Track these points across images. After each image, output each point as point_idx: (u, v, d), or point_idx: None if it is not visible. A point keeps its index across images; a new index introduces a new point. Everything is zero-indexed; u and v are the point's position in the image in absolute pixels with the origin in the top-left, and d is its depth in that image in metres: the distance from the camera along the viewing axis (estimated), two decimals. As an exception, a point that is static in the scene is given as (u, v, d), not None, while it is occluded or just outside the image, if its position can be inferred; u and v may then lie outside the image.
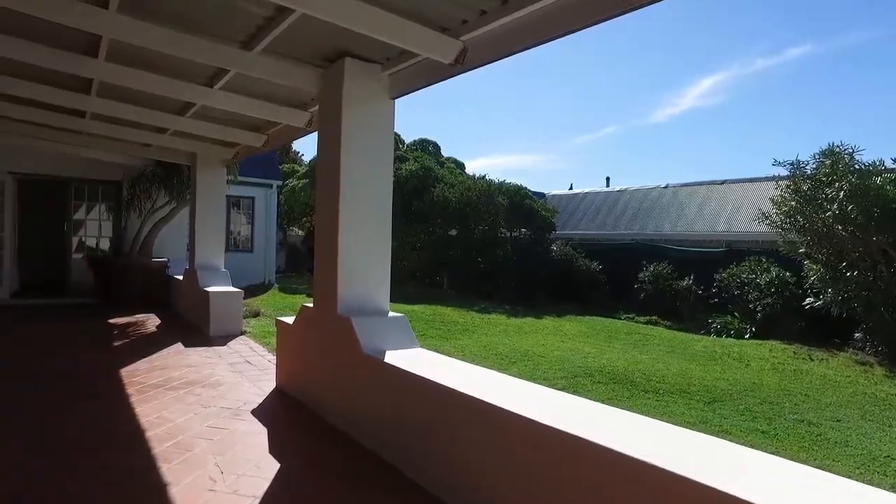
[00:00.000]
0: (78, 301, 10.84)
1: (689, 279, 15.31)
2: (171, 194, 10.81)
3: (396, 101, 4.50)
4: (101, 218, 11.76)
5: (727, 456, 2.11)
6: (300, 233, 26.62)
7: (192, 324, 8.70)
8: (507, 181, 19.10)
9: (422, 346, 4.18)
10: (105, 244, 11.78)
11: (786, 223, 11.24)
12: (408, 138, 27.15)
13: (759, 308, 12.43)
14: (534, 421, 2.45)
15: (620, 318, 14.47)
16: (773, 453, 2.27)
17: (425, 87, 4.23)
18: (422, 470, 3.22)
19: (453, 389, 2.94)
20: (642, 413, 5.33)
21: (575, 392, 6.08)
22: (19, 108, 7.34)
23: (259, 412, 4.58)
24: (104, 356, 6.52)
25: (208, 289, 8.10)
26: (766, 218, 11.70)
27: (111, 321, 8.90)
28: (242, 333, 8.13)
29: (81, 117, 7.52)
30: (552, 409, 2.59)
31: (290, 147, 39.80)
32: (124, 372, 5.72)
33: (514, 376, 6.42)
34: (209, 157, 8.85)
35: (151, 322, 8.94)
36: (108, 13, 3.93)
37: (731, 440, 4.64)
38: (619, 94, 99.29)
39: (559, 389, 6.34)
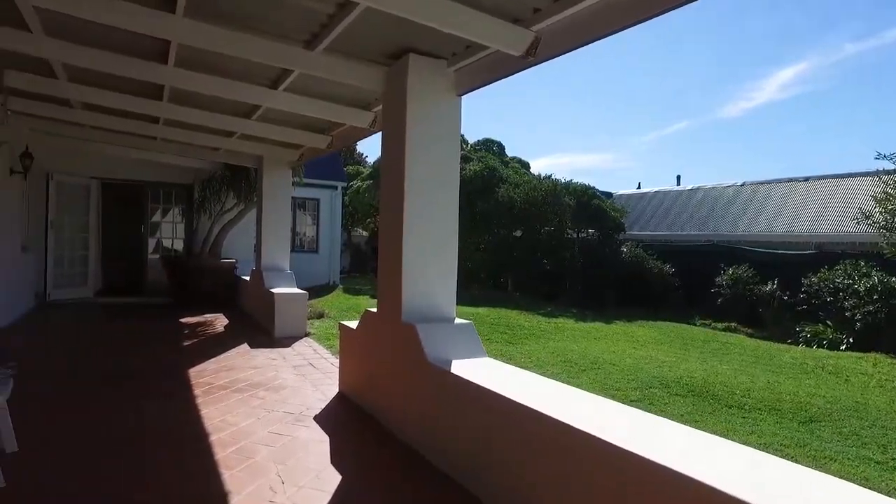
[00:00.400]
0: (153, 300, 11.31)
1: (773, 284, 14.33)
2: (238, 196, 11.10)
3: (462, 98, 4.34)
4: (175, 220, 12.29)
5: (843, 498, 1.79)
6: (364, 233, 26.99)
7: (259, 324, 8.87)
8: (574, 180, 18.60)
9: (488, 352, 4.01)
10: (179, 245, 12.28)
11: (892, 222, 10.26)
12: (472, 139, 27.02)
13: (857, 317, 11.45)
14: (620, 448, 2.20)
15: (695, 324, 13.76)
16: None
17: (493, 81, 4.04)
18: (493, 496, 3.02)
19: (525, 406, 2.72)
20: (728, 432, 4.97)
21: (650, 405, 5.72)
22: (101, 117, 7.70)
23: (321, 418, 4.52)
24: (175, 355, 6.70)
25: (274, 290, 8.21)
26: (867, 217, 10.74)
27: (182, 320, 9.20)
28: (307, 335, 8.20)
29: (155, 123, 7.80)
30: (637, 433, 2.34)
31: (355, 149, 40.55)
32: (193, 372, 5.83)
33: (585, 386, 6.13)
34: (275, 159, 8.99)
35: (220, 322, 9.18)
36: (175, 17, 3.97)
37: (837, 471, 4.20)
38: (688, 90, 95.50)
39: (633, 401, 6.05)
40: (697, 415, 5.46)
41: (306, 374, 5.98)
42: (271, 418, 4.45)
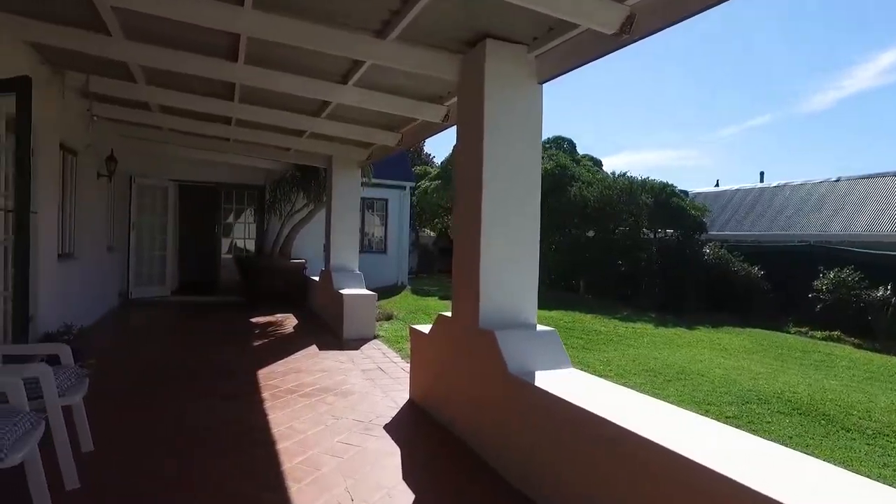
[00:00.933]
0: (226, 299, 11.60)
1: (887, 289, 13.00)
2: (308, 197, 11.20)
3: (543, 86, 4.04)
4: (248, 221, 12.57)
5: None
6: (432, 234, 27.00)
7: (327, 325, 8.86)
8: (651, 178, 17.78)
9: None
10: (251, 246, 12.56)
11: None
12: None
13: None
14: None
15: (789, 332, 12.76)
16: None
17: (579, 66, 3.70)
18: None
19: (625, 429, 2.39)
20: (852, 462, 4.38)
21: (750, 424, 5.19)
22: (177, 120, 7.90)
23: (392, 428, 4.32)
24: (245, 355, 6.72)
25: (342, 291, 8.16)
26: None
27: (253, 320, 9.33)
28: (375, 337, 8.09)
29: (228, 124, 7.91)
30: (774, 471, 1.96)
31: (422, 149, 40.79)
32: (262, 373, 5.80)
33: (672, 399, 5.66)
34: (344, 158, 8.96)
35: (289, 322, 9.24)
36: (244, 9, 3.88)
37: None
38: (768, 81, 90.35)
39: (730, 418, 5.52)
40: (808, 437, 4.90)
41: (375, 378, 5.83)
42: (339, 426, 4.29)
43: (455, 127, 5.76)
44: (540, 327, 3.78)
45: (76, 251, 7.74)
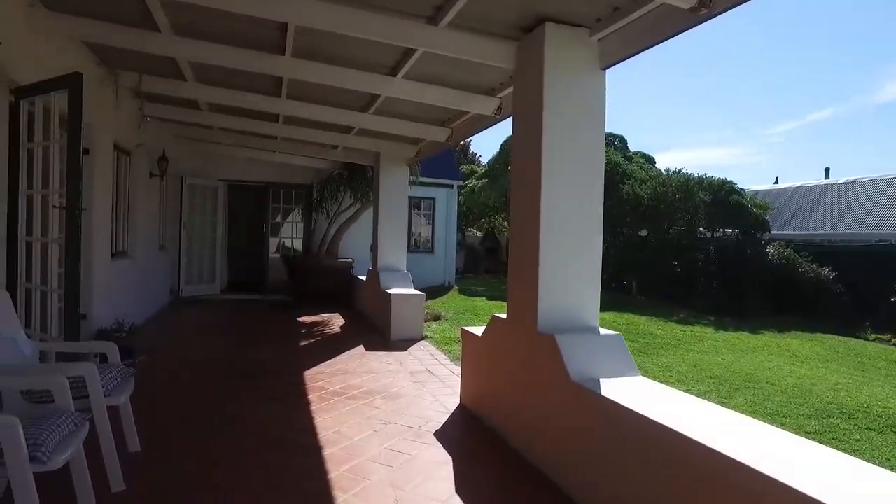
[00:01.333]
0: (274, 298, 11.69)
1: None
2: (355, 196, 11.17)
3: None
4: (295, 220, 12.65)
5: None
6: (478, 234, 26.79)
7: (374, 325, 8.77)
8: (709, 175, 17.07)
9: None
10: (298, 245, 12.63)
11: None
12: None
13: None
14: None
15: (867, 339, 11.96)
16: None
17: (649, 47, 3.42)
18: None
19: (713, 449, 2.13)
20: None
21: (835, 441, 4.78)
22: (226, 118, 7.95)
23: (443, 435, 4.13)
24: (292, 355, 6.68)
25: (390, 291, 8.04)
26: None
27: (300, 319, 9.33)
28: (423, 338, 7.94)
29: (276, 122, 7.91)
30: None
31: (468, 148, 40.64)
32: (308, 374, 5.72)
33: (741, 409, 5.27)
34: (392, 155, 8.85)
35: (336, 322, 9.20)
36: (292, -3, 3.78)
37: None
38: (829, 72, 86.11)
39: (809, 434, 5.08)
40: (906, 457, 4.46)
41: (424, 381, 5.66)
42: (388, 432, 4.14)
43: (508, 119, 5.60)
44: (603, 331, 3.52)
45: (129, 250, 7.89)
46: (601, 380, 3.03)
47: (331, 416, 4.41)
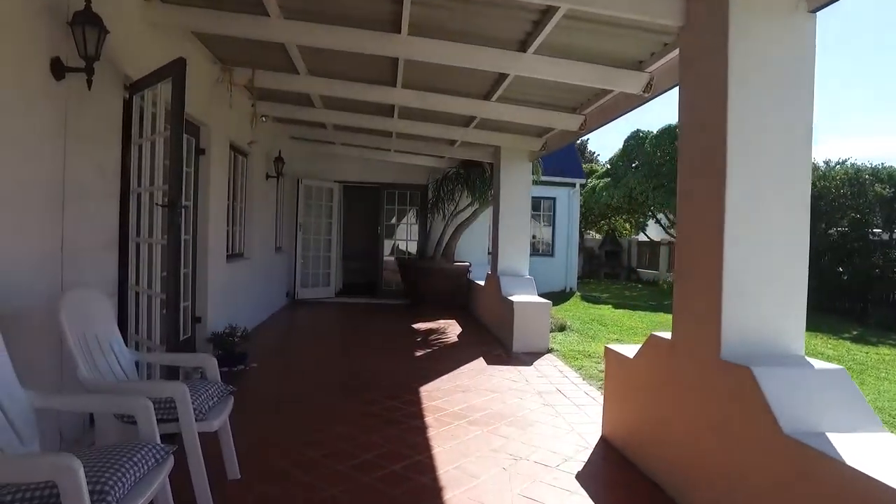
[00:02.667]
0: (387, 302, 11.48)
1: None
2: (473, 195, 10.66)
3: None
4: (409, 222, 12.39)
5: None
6: (598, 236, 25.51)
7: (493, 335, 8.18)
8: (887, 164, 14.70)
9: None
10: (412, 247, 12.36)
11: None
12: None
13: None
14: None
15: None
16: None
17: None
18: None
19: None
20: None
21: None
22: (341, 115, 7.74)
23: (586, 478, 3.43)
24: (407, 366, 6.24)
25: (512, 298, 7.41)
26: None
27: (414, 325, 8.95)
28: (549, 351, 7.23)
29: (390, 116, 7.58)
30: None
31: (586, 146, 39.18)
32: (424, 391, 5.23)
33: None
34: (514, 150, 8.24)
35: (452, 330, 8.72)
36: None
37: None
38: None
39: None
40: None
41: (555, 404, 4.97)
42: (520, 471, 3.50)
43: (652, 102, 4.79)
44: (817, 363, 2.65)
45: (246, 251, 7.90)
46: (830, 435, 2.20)
47: (451, 447, 3.86)
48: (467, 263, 10.98)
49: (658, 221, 20.61)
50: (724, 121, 2.75)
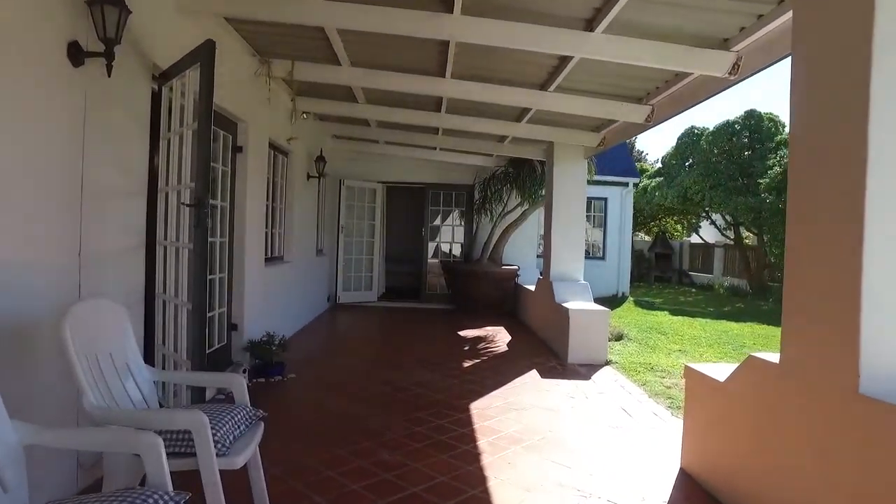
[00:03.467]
0: (431, 307, 11.08)
1: None
2: (522, 195, 10.16)
3: None
4: (454, 223, 11.93)
5: None
6: (647, 238, 24.55)
7: (545, 344, 7.67)
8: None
9: None
10: (457, 250, 11.91)
11: None
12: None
13: None
14: None
15: None
16: None
17: None
18: None
19: None
20: None
21: None
22: (384, 110, 7.38)
23: (671, 524, 2.93)
24: (455, 379, 5.80)
25: (567, 305, 6.89)
26: None
27: (461, 333, 8.52)
28: (607, 363, 6.69)
29: (437, 110, 7.17)
30: None
31: (633, 145, 38.03)
32: (475, 409, 4.78)
33: None
34: (569, 146, 7.73)
35: (501, 338, 8.24)
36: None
37: None
38: None
39: None
40: None
41: (622, 426, 4.46)
42: (592, 512, 3.02)
43: (735, 86, 4.24)
44: None
45: (286, 255, 7.61)
46: None
47: (510, 478, 3.40)
48: (516, 267, 10.49)
49: (713, 223, 19.66)
50: (864, 93, 2.19)
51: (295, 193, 7.76)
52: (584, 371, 6.32)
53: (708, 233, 21.09)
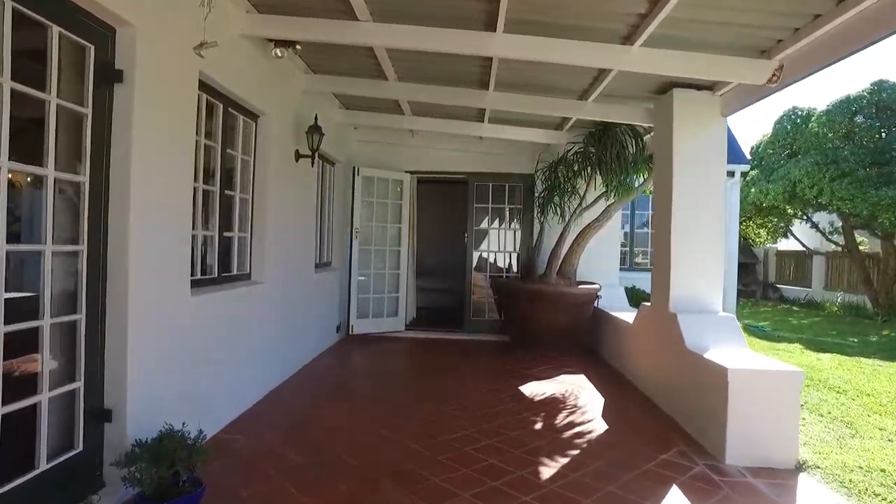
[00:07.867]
0: (478, 338, 8.45)
1: None
2: (607, 181, 7.35)
3: None
4: (506, 227, 9.20)
5: None
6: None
7: (667, 417, 4.90)
8: None
9: None
10: (512, 261, 9.18)
11: None
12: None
13: None
14: None
15: None
16: None
17: None
18: None
19: None
20: None
21: None
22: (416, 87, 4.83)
23: None
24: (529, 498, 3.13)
25: (714, 358, 4.12)
26: None
27: (523, 388, 5.82)
28: (800, 467, 3.89)
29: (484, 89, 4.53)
30: None
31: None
32: None
33: None
34: (694, 100, 4.98)
35: (587, 400, 5.47)
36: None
37: None
38: None
39: None
40: None
41: None
42: None
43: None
44: None
45: (253, 271, 5.07)
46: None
47: None
48: (597, 286, 7.69)
49: (815, 225, 16.39)
50: None
51: (270, 179, 5.21)
52: (766, 489, 3.55)
53: (806, 236, 17.88)
